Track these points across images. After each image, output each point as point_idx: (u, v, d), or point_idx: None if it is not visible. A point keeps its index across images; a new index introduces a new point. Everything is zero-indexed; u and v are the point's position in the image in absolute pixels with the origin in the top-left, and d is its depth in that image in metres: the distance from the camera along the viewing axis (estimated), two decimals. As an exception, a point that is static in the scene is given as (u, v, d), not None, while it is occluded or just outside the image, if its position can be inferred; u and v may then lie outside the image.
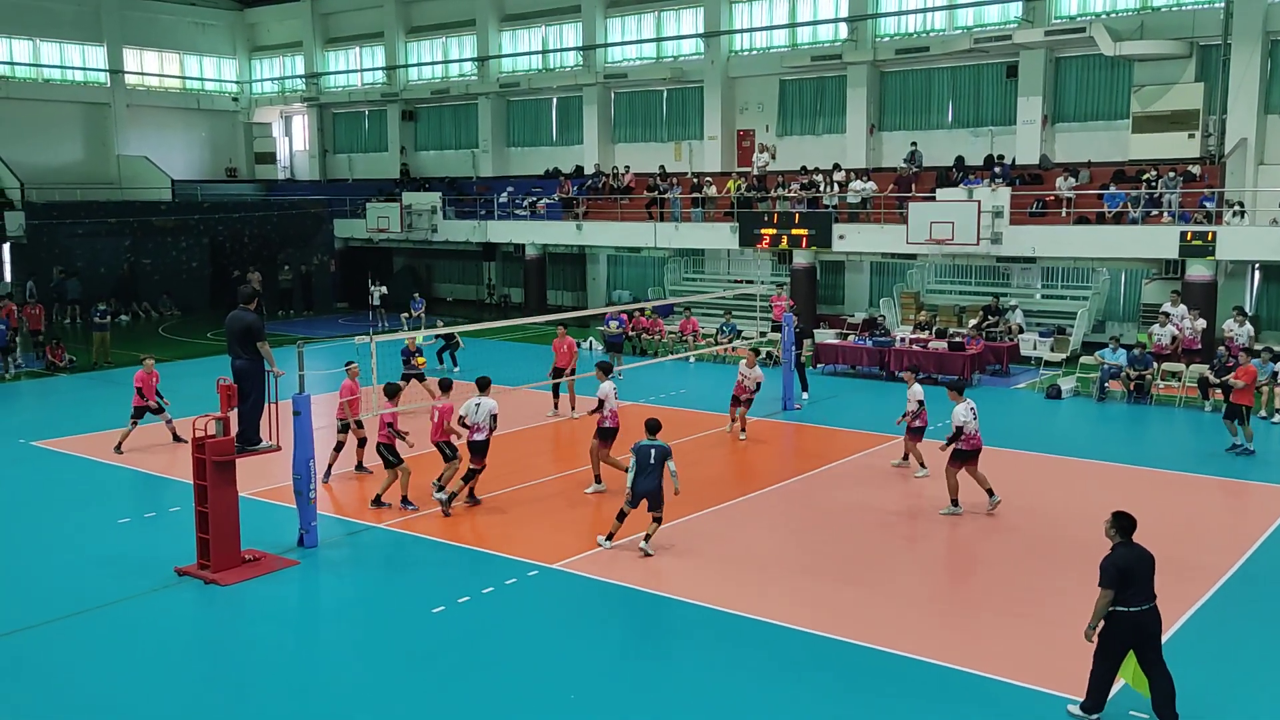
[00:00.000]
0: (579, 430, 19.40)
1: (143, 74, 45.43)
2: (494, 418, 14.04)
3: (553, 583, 11.63)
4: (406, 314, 30.16)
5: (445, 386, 14.89)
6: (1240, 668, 9.59)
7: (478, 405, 14.02)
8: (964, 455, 13.73)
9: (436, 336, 24.04)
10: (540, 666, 9.62)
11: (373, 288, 34.14)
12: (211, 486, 11.77)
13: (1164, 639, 8.45)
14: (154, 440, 18.23)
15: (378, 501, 14.33)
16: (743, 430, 18.23)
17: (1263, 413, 19.15)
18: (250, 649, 10.27)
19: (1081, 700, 8.49)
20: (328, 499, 14.77)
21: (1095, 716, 8.42)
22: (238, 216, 40.20)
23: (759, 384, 18.19)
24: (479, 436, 14.00)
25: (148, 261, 38.39)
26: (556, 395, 20.48)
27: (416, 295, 31.95)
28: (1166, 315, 22.05)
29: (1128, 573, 8.15)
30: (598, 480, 15.03)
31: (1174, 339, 21.49)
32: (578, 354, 20.55)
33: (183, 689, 9.36)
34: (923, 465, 15.62)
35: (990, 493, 13.87)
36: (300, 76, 46.83)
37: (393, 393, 14.96)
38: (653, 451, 12.35)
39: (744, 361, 18.36)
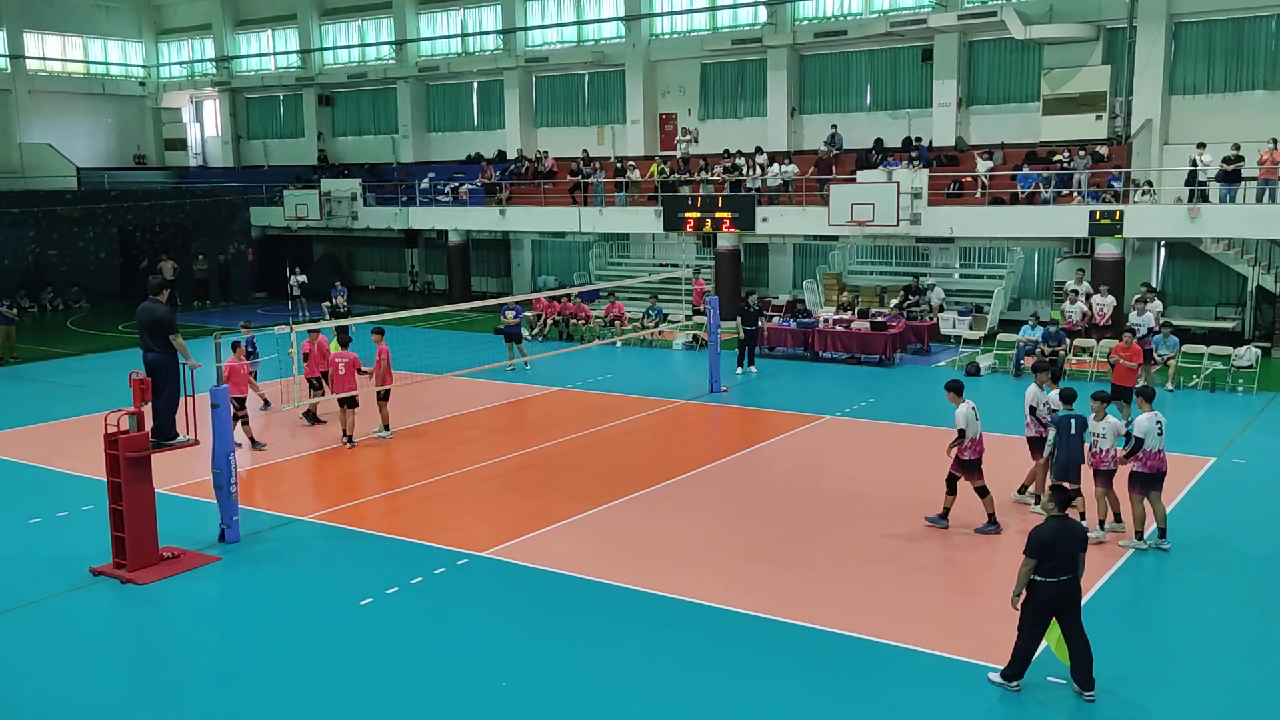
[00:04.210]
0: (500, 418, 19.29)
1: (45, 59, 43.75)
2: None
3: (482, 571, 11.56)
4: (328, 302, 29.62)
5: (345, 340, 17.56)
6: (1152, 634, 9.95)
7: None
8: (1144, 479, 11.63)
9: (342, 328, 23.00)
10: (472, 655, 9.57)
11: (292, 277, 33.53)
12: (126, 483, 11.45)
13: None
14: (61, 435, 17.69)
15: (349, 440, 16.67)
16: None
17: (1170, 385, 19.83)
18: (171, 648, 10.02)
19: (1003, 668, 8.74)
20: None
21: (1015, 684, 8.67)
22: (148, 205, 39.00)
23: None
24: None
25: (54, 252, 37.13)
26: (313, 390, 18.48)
27: (338, 283, 31.40)
28: (1076, 293, 22.70)
29: (1050, 545, 8.41)
30: (992, 522, 12.54)
31: (1084, 315, 22.16)
32: (329, 354, 18.10)
33: (101, 691, 9.10)
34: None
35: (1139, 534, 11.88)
36: (210, 60, 45.54)
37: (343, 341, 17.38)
38: (1073, 421, 11.97)
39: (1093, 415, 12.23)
